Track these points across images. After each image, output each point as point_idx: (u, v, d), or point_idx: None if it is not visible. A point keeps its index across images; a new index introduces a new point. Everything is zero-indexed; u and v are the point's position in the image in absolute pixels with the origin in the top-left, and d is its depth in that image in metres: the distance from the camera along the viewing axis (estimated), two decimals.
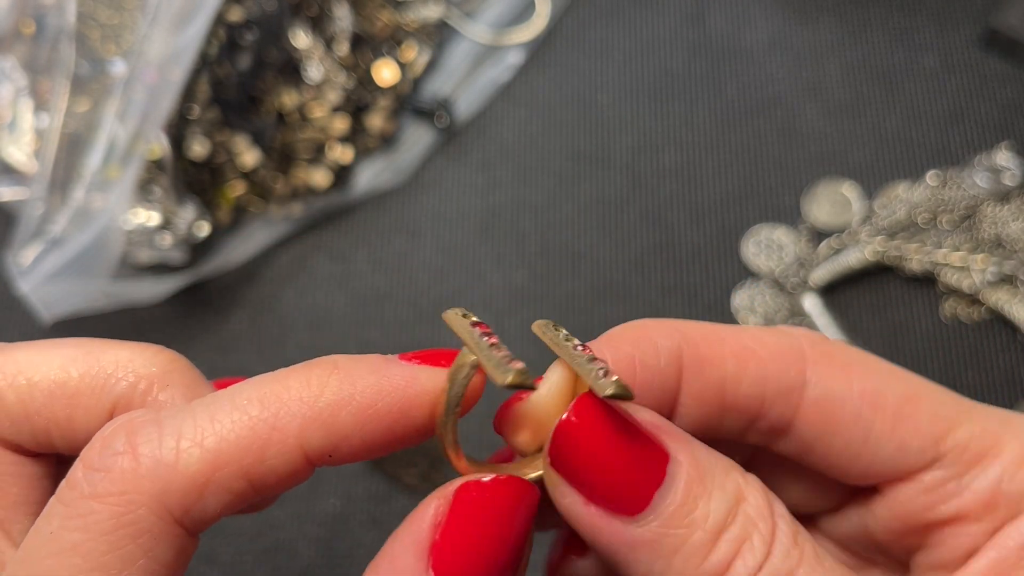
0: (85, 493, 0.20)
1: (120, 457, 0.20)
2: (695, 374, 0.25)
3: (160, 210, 0.53)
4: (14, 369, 0.24)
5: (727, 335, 0.25)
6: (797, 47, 0.59)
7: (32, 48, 0.56)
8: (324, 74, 0.56)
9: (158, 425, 0.21)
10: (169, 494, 0.20)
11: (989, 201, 0.53)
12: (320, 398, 0.21)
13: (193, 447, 0.20)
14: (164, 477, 0.20)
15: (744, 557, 0.21)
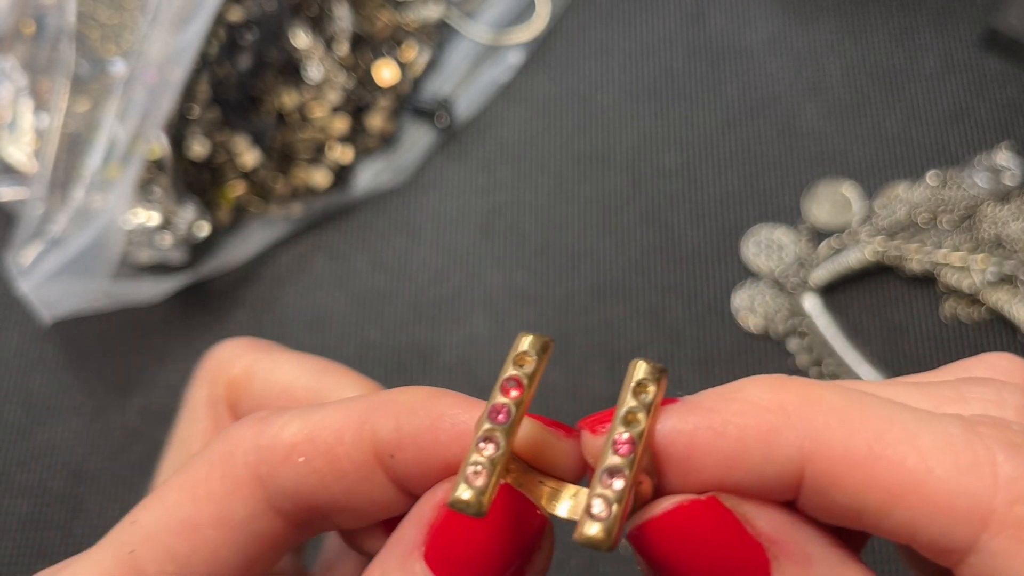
0: (221, 433, 0.23)
1: (251, 419, 0.23)
2: (821, 491, 0.19)
3: (160, 210, 0.53)
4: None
5: (888, 448, 0.19)
6: (797, 47, 0.59)
7: (32, 48, 0.56)
8: (324, 74, 0.56)
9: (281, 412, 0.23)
10: (261, 449, 0.22)
11: (989, 201, 0.53)
12: (401, 413, 0.22)
13: (295, 420, 0.23)
14: (263, 437, 0.22)
15: None
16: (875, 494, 0.19)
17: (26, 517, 0.49)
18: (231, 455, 0.23)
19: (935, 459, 0.18)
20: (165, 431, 0.51)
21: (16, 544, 0.49)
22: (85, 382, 0.53)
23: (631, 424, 0.19)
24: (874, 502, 0.19)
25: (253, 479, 0.22)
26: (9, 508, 0.50)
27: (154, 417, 0.52)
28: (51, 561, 0.51)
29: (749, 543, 0.20)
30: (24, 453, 0.51)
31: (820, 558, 0.20)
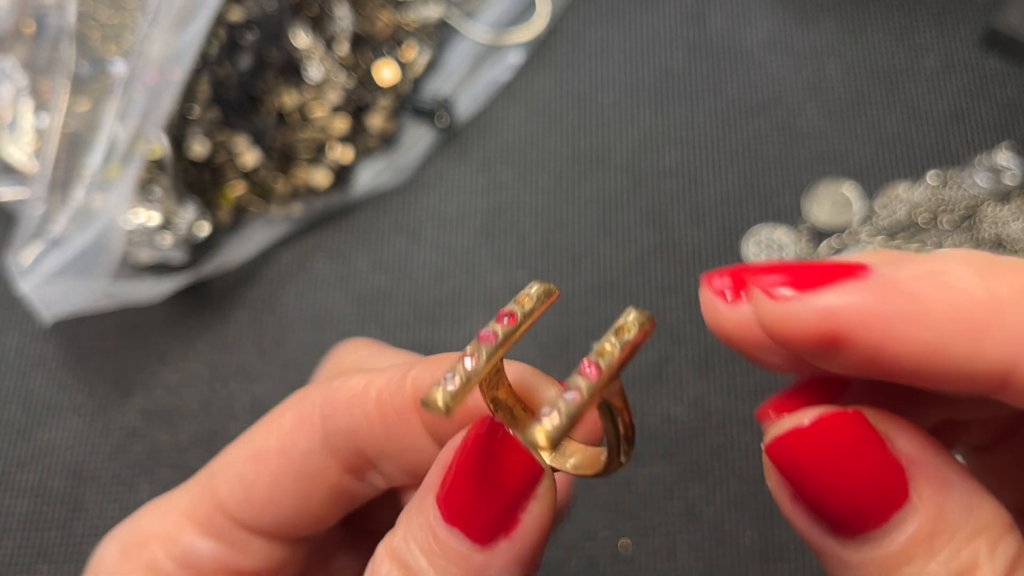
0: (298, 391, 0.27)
1: (339, 377, 0.26)
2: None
3: (160, 210, 0.53)
4: None
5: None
6: (797, 47, 0.59)
7: (32, 48, 0.56)
8: (324, 74, 0.56)
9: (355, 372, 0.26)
10: (328, 396, 0.26)
11: (989, 201, 0.53)
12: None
13: (359, 378, 0.25)
14: (331, 387, 0.26)
15: None
16: None
17: (26, 516, 0.49)
18: (304, 399, 0.26)
19: None
20: (165, 431, 0.52)
21: (16, 544, 0.49)
22: (85, 382, 0.53)
23: (601, 355, 0.20)
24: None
25: (316, 419, 0.25)
26: (10, 508, 0.50)
27: (154, 417, 0.52)
28: (51, 561, 0.51)
29: (890, 462, 0.19)
30: (24, 453, 0.51)
31: (958, 484, 0.19)
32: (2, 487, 0.50)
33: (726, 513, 0.47)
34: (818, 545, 0.20)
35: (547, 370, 0.24)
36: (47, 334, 0.54)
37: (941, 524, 0.19)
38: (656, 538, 0.47)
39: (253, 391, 0.52)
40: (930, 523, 0.19)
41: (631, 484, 0.48)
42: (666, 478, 0.48)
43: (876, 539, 0.19)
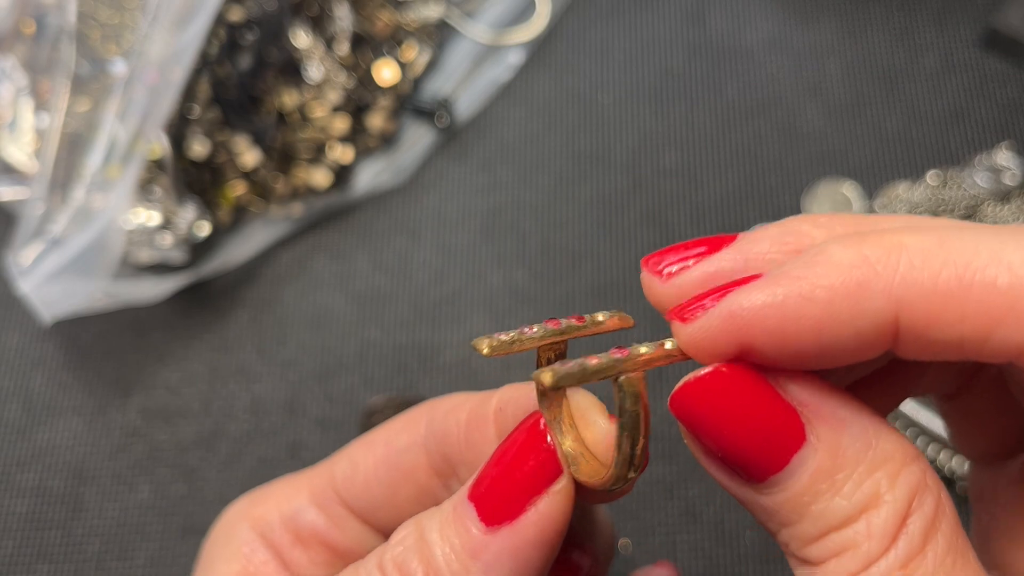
0: None
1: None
2: (920, 332, 0.20)
3: (161, 210, 0.53)
4: None
5: (979, 274, 0.19)
6: (797, 47, 0.60)
7: (32, 48, 0.56)
8: (324, 74, 0.56)
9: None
10: (431, 411, 0.29)
11: (989, 201, 0.53)
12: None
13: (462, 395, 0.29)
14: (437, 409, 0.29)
15: (868, 546, 0.20)
16: (973, 322, 0.19)
17: (27, 516, 0.49)
18: (416, 410, 0.29)
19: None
20: (165, 430, 0.52)
21: (17, 543, 0.49)
22: (85, 382, 0.53)
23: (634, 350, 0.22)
24: (973, 330, 0.19)
25: (420, 424, 0.28)
26: (10, 507, 0.50)
27: (154, 416, 0.52)
28: (52, 560, 0.51)
29: (783, 406, 0.20)
30: (25, 452, 0.51)
31: (853, 421, 0.20)
32: (2, 487, 0.50)
33: (726, 513, 0.47)
34: (738, 495, 0.21)
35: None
36: (47, 334, 0.54)
37: (840, 460, 0.20)
38: (656, 538, 0.47)
39: (253, 391, 0.52)
40: (829, 460, 0.20)
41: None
42: (666, 478, 0.48)
43: (782, 481, 0.20)
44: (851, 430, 0.20)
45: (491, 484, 0.24)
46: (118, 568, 0.48)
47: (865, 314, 0.19)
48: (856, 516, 0.20)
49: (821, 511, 0.20)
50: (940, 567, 0.20)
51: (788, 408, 0.21)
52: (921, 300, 0.19)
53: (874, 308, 0.19)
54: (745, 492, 0.21)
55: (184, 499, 0.50)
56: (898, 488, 0.20)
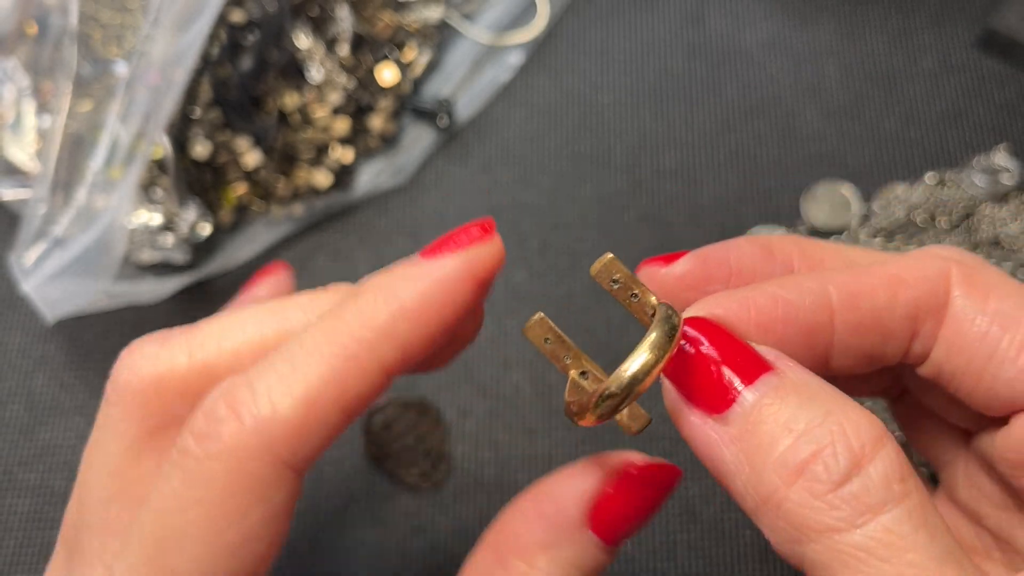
0: (200, 456, 0.22)
1: (225, 422, 0.23)
2: (849, 308, 0.25)
3: (162, 210, 0.53)
4: (212, 340, 0.25)
5: (875, 269, 0.26)
6: (796, 48, 0.60)
7: (35, 49, 0.56)
8: (325, 75, 0.57)
9: (250, 387, 0.23)
10: (275, 442, 0.23)
11: (987, 202, 0.53)
12: (377, 319, 0.24)
13: (284, 396, 0.23)
14: (267, 429, 0.22)
15: (825, 461, 0.21)
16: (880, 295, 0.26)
17: (28, 515, 0.50)
18: (246, 464, 0.23)
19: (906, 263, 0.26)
20: None
21: (19, 542, 0.49)
22: (88, 382, 0.53)
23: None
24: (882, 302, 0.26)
25: (282, 468, 0.23)
26: (12, 507, 0.50)
27: None
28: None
29: (753, 352, 0.23)
30: (27, 452, 0.51)
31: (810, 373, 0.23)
32: (5, 486, 0.50)
33: (725, 512, 0.47)
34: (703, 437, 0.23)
35: (546, 370, 0.24)
36: (49, 334, 0.54)
37: (801, 384, 0.22)
38: (655, 537, 0.47)
39: None
40: (794, 380, 0.23)
41: None
42: None
43: (744, 401, 0.22)
44: (810, 375, 0.23)
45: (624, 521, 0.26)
46: None
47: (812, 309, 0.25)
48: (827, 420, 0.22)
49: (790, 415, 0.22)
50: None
51: (756, 352, 0.23)
52: (845, 291, 0.25)
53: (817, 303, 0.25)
54: (708, 426, 0.23)
55: None
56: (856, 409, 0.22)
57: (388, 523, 0.48)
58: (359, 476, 0.49)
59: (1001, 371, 0.25)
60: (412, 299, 0.24)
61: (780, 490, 0.21)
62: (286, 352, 0.24)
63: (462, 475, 0.49)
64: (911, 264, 0.26)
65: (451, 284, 0.24)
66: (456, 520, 0.48)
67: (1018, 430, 0.25)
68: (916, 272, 0.26)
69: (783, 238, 0.28)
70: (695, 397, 0.23)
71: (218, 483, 0.22)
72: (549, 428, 0.50)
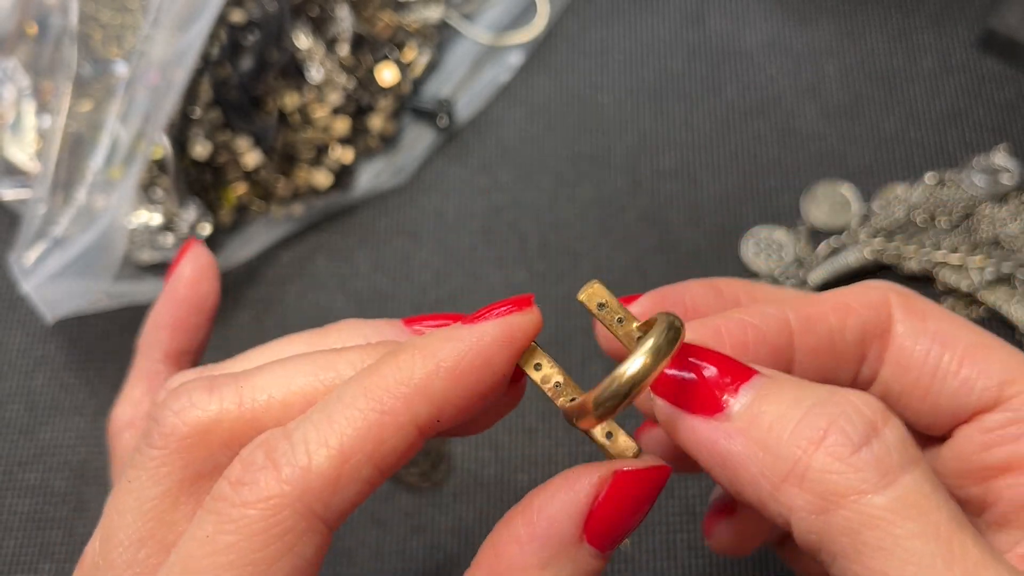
0: (236, 503, 0.23)
1: (263, 471, 0.23)
2: (806, 331, 0.27)
3: (162, 210, 0.53)
4: (262, 391, 0.25)
5: (825, 296, 0.28)
6: (796, 48, 0.60)
7: (35, 49, 0.56)
8: (325, 75, 0.57)
9: (288, 438, 0.23)
10: (308, 493, 0.23)
11: (987, 202, 0.53)
12: (413, 376, 0.24)
13: (320, 448, 0.23)
14: (302, 480, 0.23)
15: (843, 427, 0.22)
16: (833, 318, 0.28)
17: (29, 515, 0.50)
18: (277, 514, 0.23)
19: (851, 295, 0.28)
20: None
21: (19, 542, 0.49)
22: (87, 382, 0.53)
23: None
24: (835, 322, 0.28)
25: (312, 520, 0.23)
26: (12, 506, 0.50)
27: None
28: (54, 559, 0.52)
29: (734, 362, 0.24)
30: (27, 452, 0.51)
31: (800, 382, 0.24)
32: (5, 486, 0.50)
33: None
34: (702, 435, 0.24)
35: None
36: (49, 334, 0.54)
37: (789, 382, 0.23)
38: (655, 537, 0.47)
39: None
40: (783, 378, 0.23)
41: None
42: None
43: (738, 401, 0.23)
44: (793, 379, 0.24)
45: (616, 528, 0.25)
46: None
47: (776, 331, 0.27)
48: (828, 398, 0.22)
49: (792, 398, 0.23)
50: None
51: (741, 363, 0.24)
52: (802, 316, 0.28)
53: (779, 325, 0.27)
54: (709, 429, 0.23)
55: None
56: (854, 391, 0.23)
57: (388, 523, 0.48)
58: None
59: (944, 385, 0.26)
60: (449, 359, 0.24)
61: (802, 460, 0.21)
62: (324, 405, 0.24)
63: (462, 475, 0.49)
64: (854, 293, 0.28)
65: (488, 348, 0.25)
66: (456, 520, 0.48)
67: (960, 441, 0.26)
68: (860, 299, 0.28)
69: (730, 281, 0.30)
70: (691, 404, 0.24)
71: (250, 530, 0.23)
72: (549, 428, 0.50)
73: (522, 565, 0.24)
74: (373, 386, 0.24)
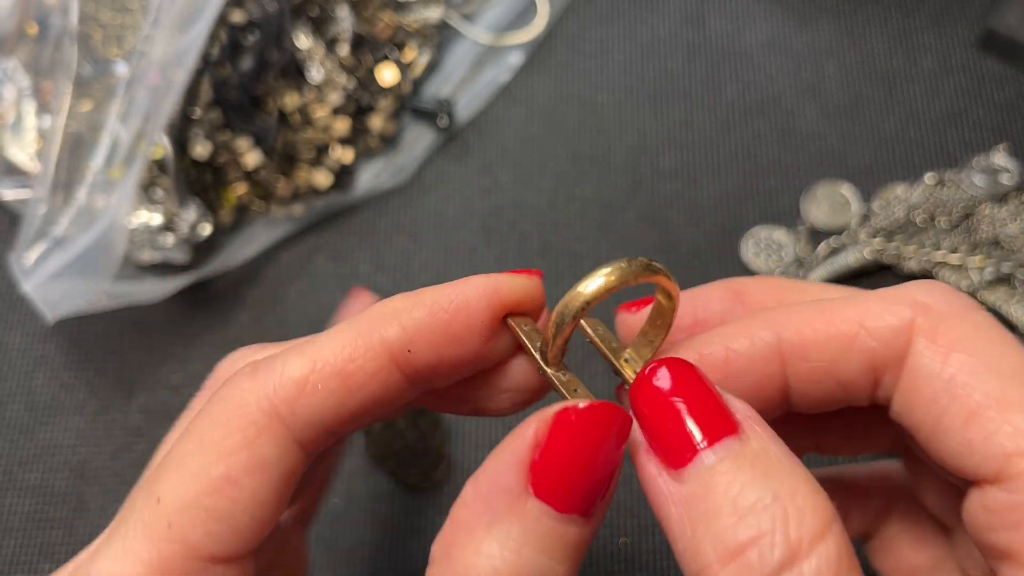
0: (211, 397, 0.25)
1: (240, 374, 0.25)
2: (800, 359, 0.25)
3: (162, 210, 0.53)
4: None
5: (835, 313, 0.25)
6: (796, 48, 0.60)
7: (35, 49, 0.56)
8: (325, 75, 0.57)
9: (271, 357, 0.25)
10: (276, 393, 0.24)
11: (987, 202, 0.53)
12: (390, 306, 0.25)
13: (293, 357, 0.25)
14: (268, 379, 0.24)
15: (761, 550, 0.20)
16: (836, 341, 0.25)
17: (29, 515, 0.50)
18: (244, 406, 0.24)
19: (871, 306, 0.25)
20: (167, 430, 0.52)
21: (19, 542, 0.49)
22: (87, 381, 0.53)
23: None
24: (837, 348, 0.25)
25: (275, 420, 0.24)
26: (13, 506, 0.50)
27: (156, 416, 0.52)
28: (54, 559, 0.52)
29: (722, 405, 0.23)
30: (27, 452, 0.51)
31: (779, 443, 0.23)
32: (5, 486, 0.50)
33: None
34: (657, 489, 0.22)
35: None
36: (50, 334, 0.54)
37: (762, 453, 0.22)
38: (655, 537, 0.47)
39: None
40: (755, 448, 0.22)
41: (630, 482, 0.48)
42: None
43: (703, 460, 0.22)
44: (777, 442, 0.22)
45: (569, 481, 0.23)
46: None
47: (761, 353, 0.25)
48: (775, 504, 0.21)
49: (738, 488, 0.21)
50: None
51: (725, 407, 0.23)
52: (796, 335, 0.25)
53: (765, 346, 0.25)
54: (661, 481, 0.22)
55: None
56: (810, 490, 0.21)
57: (388, 523, 0.48)
58: (359, 476, 0.49)
59: (947, 440, 0.23)
60: (429, 297, 0.25)
61: (713, 567, 0.21)
62: (313, 336, 0.26)
63: (462, 475, 0.49)
64: (875, 310, 0.25)
65: (471, 293, 0.25)
66: None
67: (971, 502, 0.24)
68: (878, 320, 0.25)
69: (762, 282, 0.28)
70: (657, 444, 0.23)
71: (216, 418, 0.24)
72: None
73: (468, 528, 0.23)
74: (356, 318, 0.25)
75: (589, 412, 0.22)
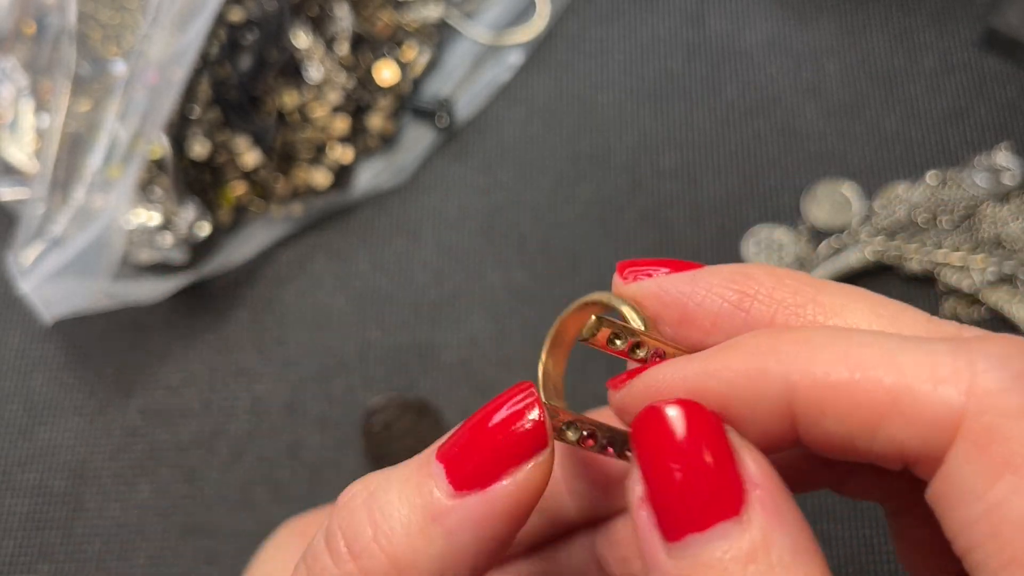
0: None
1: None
2: (813, 423, 0.20)
3: (161, 210, 0.53)
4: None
5: (858, 365, 0.19)
6: (796, 48, 0.60)
7: (33, 48, 0.56)
8: (325, 74, 0.57)
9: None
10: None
11: (988, 201, 0.53)
12: None
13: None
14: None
15: None
16: (860, 415, 0.19)
17: (27, 516, 0.50)
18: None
19: (913, 375, 0.19)
20: (166, 430, 0.52)
21: (17, 543, 0.49)
22: (86, 382, 0.53)
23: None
24: (860, 423, 0.19)
25: None
26: (11, 507, 0.50)
27: (155, 416, 0.52)
28: (53, 560, 0.51)
29: (734, 471, 0.20)
30: (25, 452, 0.51)
31: (789, 522, 0.19)
32: (3, 487, 0.50)
33: None
34: (647, 551, 0.20)
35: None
36: (48, 334, 0.54)
37: (765, 545, 0.19)
38: None
39: (253, 391, 0.52)
40: (749, 546, 0.19)
41: None
42: None
43: (695, 546, 0.19)
44: (784, 530, 0.19)
45: (466, 446, 0.22)
46: (118, 568, 0.48)
47: (763, 398, 0.20)
48: None
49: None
50: None
51: (737, 474, 0.20)
52: (813, 390, 0.20)
53: (771, 393, 0.20)
54: (654, 549, 0.20)
55: (184, 499, 0.50)
56: None
57: None
58: (359, 476, 0.49)
59: (977, 572, 0.19)
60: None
61: None
62: None
63: None
64: (915, 380, 0.19)
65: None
66: None
67: None
68: (915, 401, 0.19)
69: (776, 278, 0.23)
70: (654, 502, 0.20)
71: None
72: None
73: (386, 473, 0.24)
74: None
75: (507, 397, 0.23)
